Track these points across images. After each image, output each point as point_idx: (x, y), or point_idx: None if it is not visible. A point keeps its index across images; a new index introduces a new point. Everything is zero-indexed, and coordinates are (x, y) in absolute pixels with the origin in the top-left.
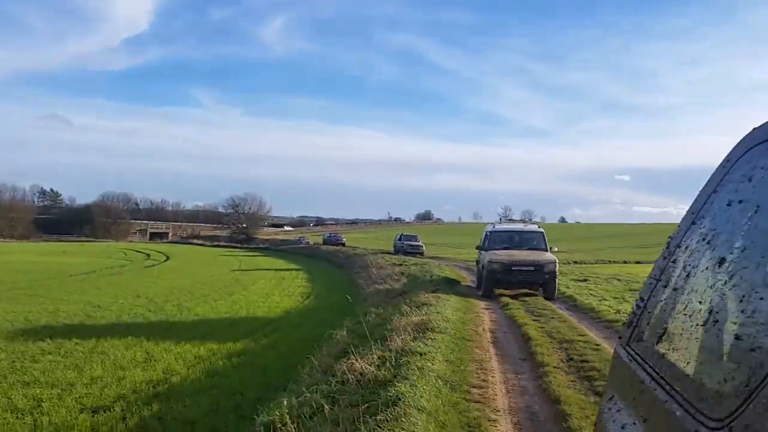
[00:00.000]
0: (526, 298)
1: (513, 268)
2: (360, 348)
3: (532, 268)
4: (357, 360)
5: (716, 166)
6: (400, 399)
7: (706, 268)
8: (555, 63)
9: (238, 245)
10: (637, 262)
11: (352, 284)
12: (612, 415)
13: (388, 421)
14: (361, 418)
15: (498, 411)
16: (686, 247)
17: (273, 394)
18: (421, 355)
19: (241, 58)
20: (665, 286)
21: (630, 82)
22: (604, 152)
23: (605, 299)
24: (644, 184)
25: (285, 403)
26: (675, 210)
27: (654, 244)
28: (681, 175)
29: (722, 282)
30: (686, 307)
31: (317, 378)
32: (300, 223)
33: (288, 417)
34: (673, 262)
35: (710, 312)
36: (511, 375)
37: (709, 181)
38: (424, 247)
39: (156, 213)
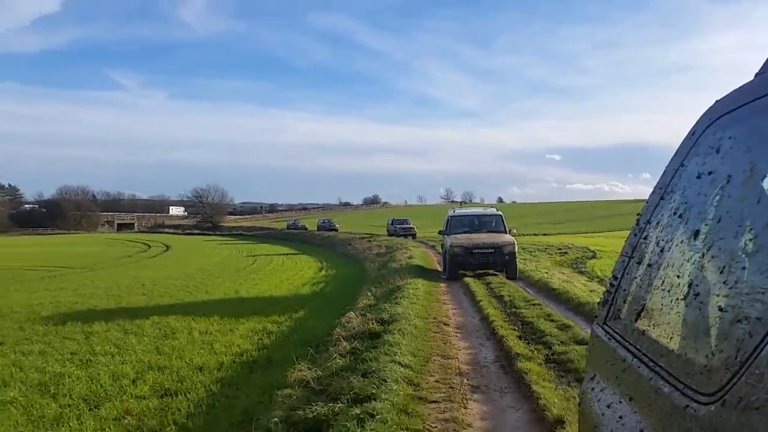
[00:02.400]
0: None
1: (474, 251)
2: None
3: (492, 250)
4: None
5: (680, 140)
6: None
7: (681, 242)
8: (482, 46)
9: (211, 233)
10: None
11: (347, 255)
12: (596, 395)
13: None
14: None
15: (445, 293)
16: (657, 223)
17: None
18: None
19: (162, 40)
20: (639, 263)
21: (554, 64)
22: (534, 133)
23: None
24: (574, 162)
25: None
26: (607, 186)
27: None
28: (608, 153)
29: (699, 254)
30: (663, 282)
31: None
32: (252, 210)
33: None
34: (645, 238)
35: (690, 285)
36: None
37: (675, 155)
38: (416, 229)
39: (114, 205)
